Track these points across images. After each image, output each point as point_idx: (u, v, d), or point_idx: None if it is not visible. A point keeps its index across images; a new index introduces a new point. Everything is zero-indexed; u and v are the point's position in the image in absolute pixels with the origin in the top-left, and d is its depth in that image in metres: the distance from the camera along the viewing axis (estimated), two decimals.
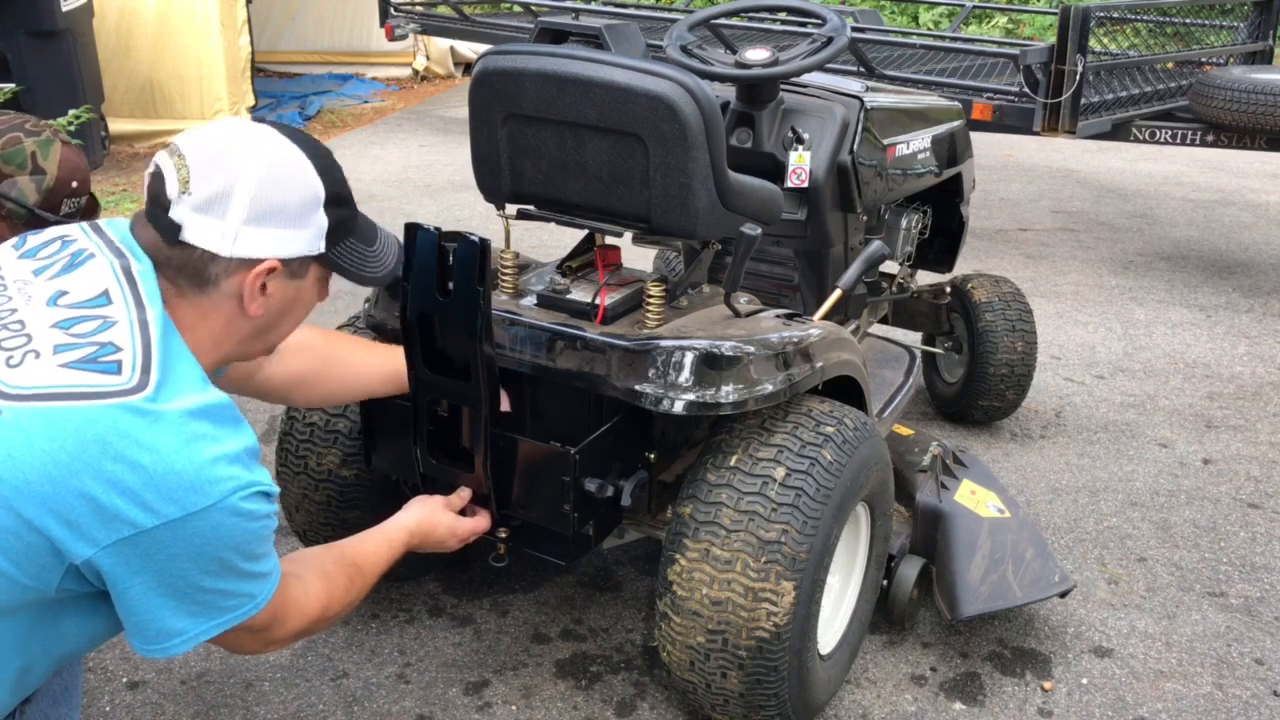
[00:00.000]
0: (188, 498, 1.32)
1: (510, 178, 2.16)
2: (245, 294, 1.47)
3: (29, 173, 2.18)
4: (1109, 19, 4.76)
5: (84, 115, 5.05)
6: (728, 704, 2.05)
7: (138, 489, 1.30)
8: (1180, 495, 3.20)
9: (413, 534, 1.94)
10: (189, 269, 1.45)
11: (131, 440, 1.30)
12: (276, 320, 1.56)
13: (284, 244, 1.47)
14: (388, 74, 9.51)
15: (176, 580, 1.37)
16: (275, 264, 1.47)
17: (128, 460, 1.30)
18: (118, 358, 1.35)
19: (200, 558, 1.37)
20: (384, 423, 2.16)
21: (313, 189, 1.48)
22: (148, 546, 1.32)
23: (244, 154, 1.45)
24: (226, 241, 1.43)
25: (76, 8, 5.95)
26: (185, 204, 1.42)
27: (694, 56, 2.58)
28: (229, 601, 1.44)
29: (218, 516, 1.35)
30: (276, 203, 1.45)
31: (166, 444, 1.32)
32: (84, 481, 1.29)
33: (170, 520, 1.32)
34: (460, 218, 5.71)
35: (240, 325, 1.51)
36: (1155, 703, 2.35)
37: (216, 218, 1.42)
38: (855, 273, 2.50)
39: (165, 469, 1.31)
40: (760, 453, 2.02)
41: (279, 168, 1.46)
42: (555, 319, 2.12)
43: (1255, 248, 5.69)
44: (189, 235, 1.43)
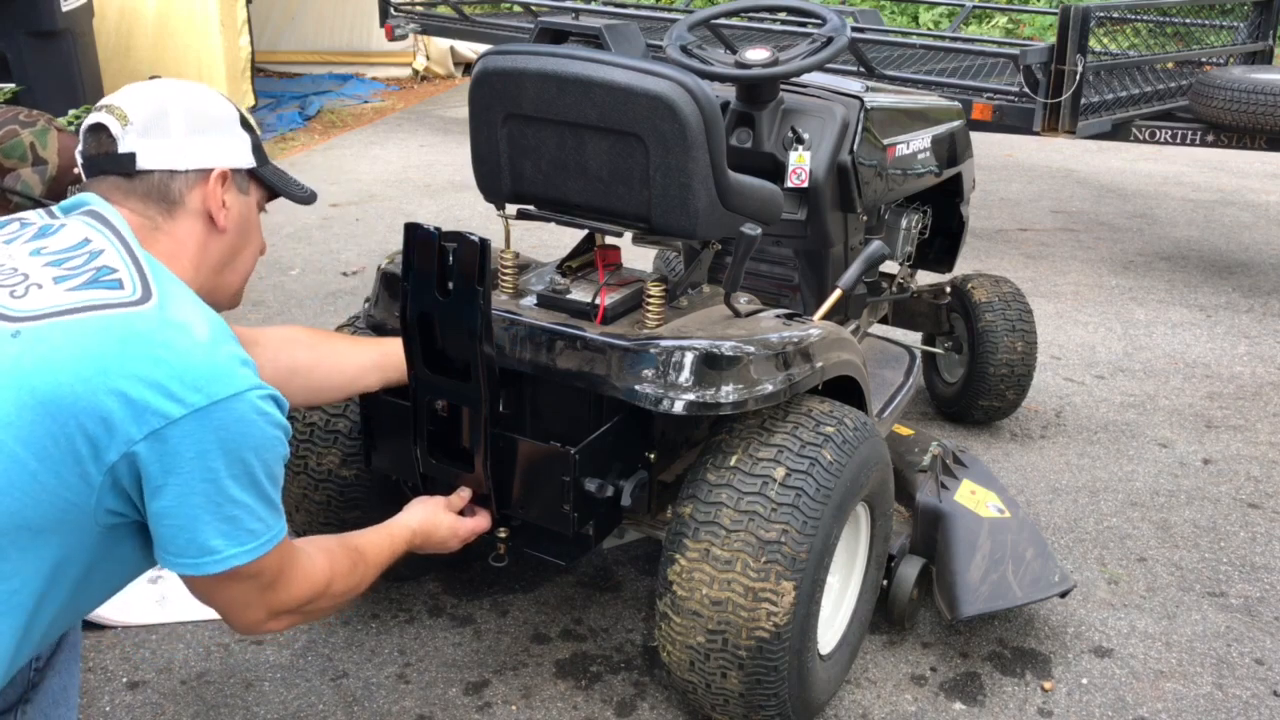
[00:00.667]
0: (212, 387, 1.38)
1: (510, 178, 2.16)
2: (211, 205, 1.57)
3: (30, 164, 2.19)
4: (1109, 19, 4.76)
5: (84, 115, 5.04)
6: (728, 704, 2.05)
7: (164, 381, 1.36)
8: (1180, 495, 3.20)
9: (415, 533, 1.95)
10: (155, 194, 1.54)
11: (152, 339, 1.38)
12: (240, 241, 1.64)
13: (226, 152, 1.59)
14: (388, 74, 9.51)
15: (207, 482, 1.40)
16: (225, 171, 1.58)
17: (152, 357, 1.36)
18: (117, 276, 1.43)
19: (228, 454, 1.40)
20: (384, 423, 2.16)
21: (228, 107, 1.63)
22: (179, 438, 1.37)
23: (162, 85, 1.59)
24: (179, 155, 1.55)
25: (76, 8, 5.95)
26: (131, 133, 1.53)
27: (694, 56, 2.58)
28: (253, 523, 1.46)
29: (241, 407, 1.40)
30: (208, 115, 1.58)
31: (184, 342, 1.40)
32: (113, 379, 1.34)
33: (197, 409, 1.37)
34: (460, 218, 5.71)
35: (213, 246, 1.59)
36: (1155, 703, 2.35)
37: (162, 136, 1.54)
38: (855, 273, 2.50)
39: (187, 362, 1.38)
40: (760, 453, 2.02)
41: (194, 89, 1.61)
42: (555, 319, 2.12)
43: (1255, 248, 5.69)
44: (144, 160, 1.53)
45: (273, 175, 1.70)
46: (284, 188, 1.71)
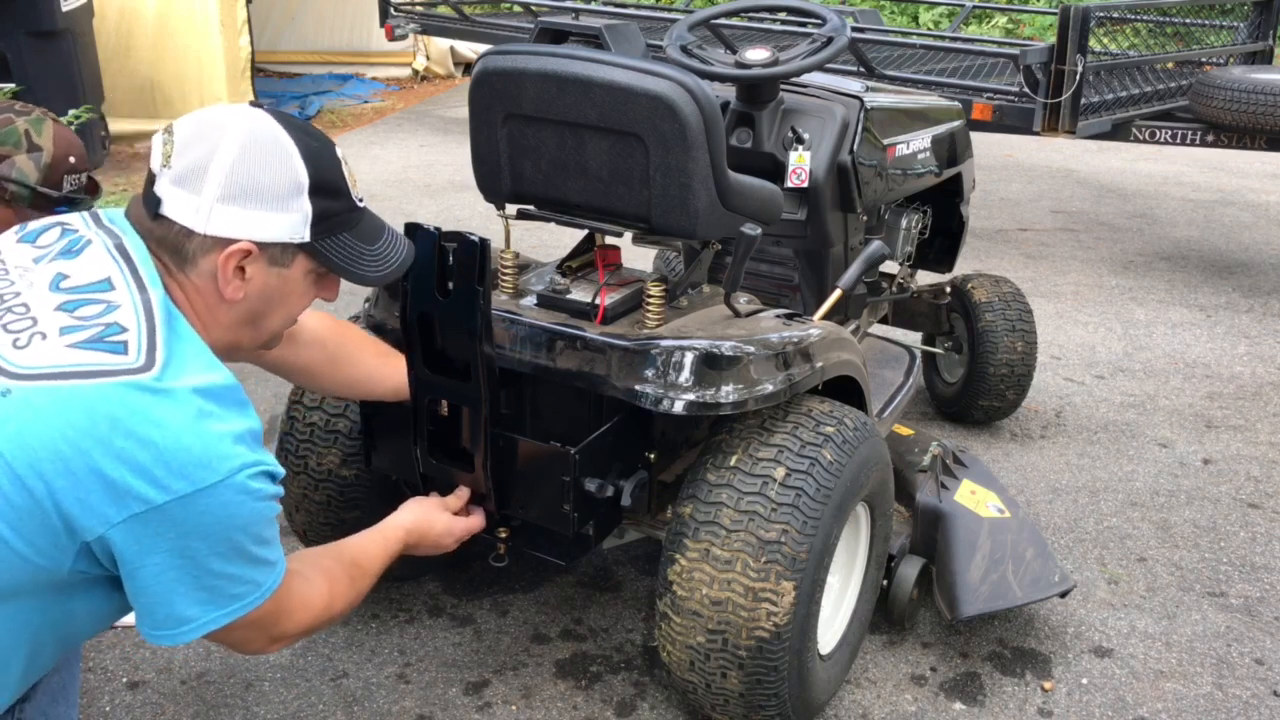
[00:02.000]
0: (197, 473, 1.32)
1: (510, 178, 2.16)
2: (219, 276, 1.46)
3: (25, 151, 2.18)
4: (1109, 19, 4.76)
5: (84, 115, 5.04)
6: (728, 704, 2.05)
7: (148, 465, 1.30)
8: (1180, 495, 3.20)
9: (409, 533, 1.94)
10: (169, 244, 1.45)
11: (141, 417, 1.31)
12: (263, 308, 1.53)
13: (260, 226, 1.45)
14: (388, 74, 9.51)
15: (187, 561, 1.36)
16: (250, 247, 1.45)
17: (138, 436, 1.30)
18: (124, 338, 1.36)
19: (210, 537, 1.36)
20: (384, 423, 2.16)
21: (294, 173, 1.46)
22: (159, 524, 1.32)
23: (226, 131, 1.44)
24: (200, 217, 1.42)
25: (76, 8, 5.95)
26: (166, 177, 1.43)
27: (694, 56, 2.58)
28: (237, 589, 1.43)
29: (226, 493, 1.35)
30: (253, 182, 1.43)
31: (175, 421, 1.32)
32: (95, 458, 1.29)
33: (181, 496, 1.32)
34: (460, 218, 5.71)
35: (223, 311, 1.50)
36: (1155, 703, 2.35)
37: (192, 192, 1.42)
38: (855, 273, 2.50)
39: (175, 445, 1.31)
40: (760, 453, 2.02)
41: (259, 147, 1.44)
42: (555, 319, 2.12)
43: (1255, 248, 5.69)
44: (167, 209, 1.43)
45: (337, 250, 1.53)
46: (345, 266, 1.54)
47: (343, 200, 1.53)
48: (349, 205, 1.55)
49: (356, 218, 1.56)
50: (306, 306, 1.61)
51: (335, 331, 2.04)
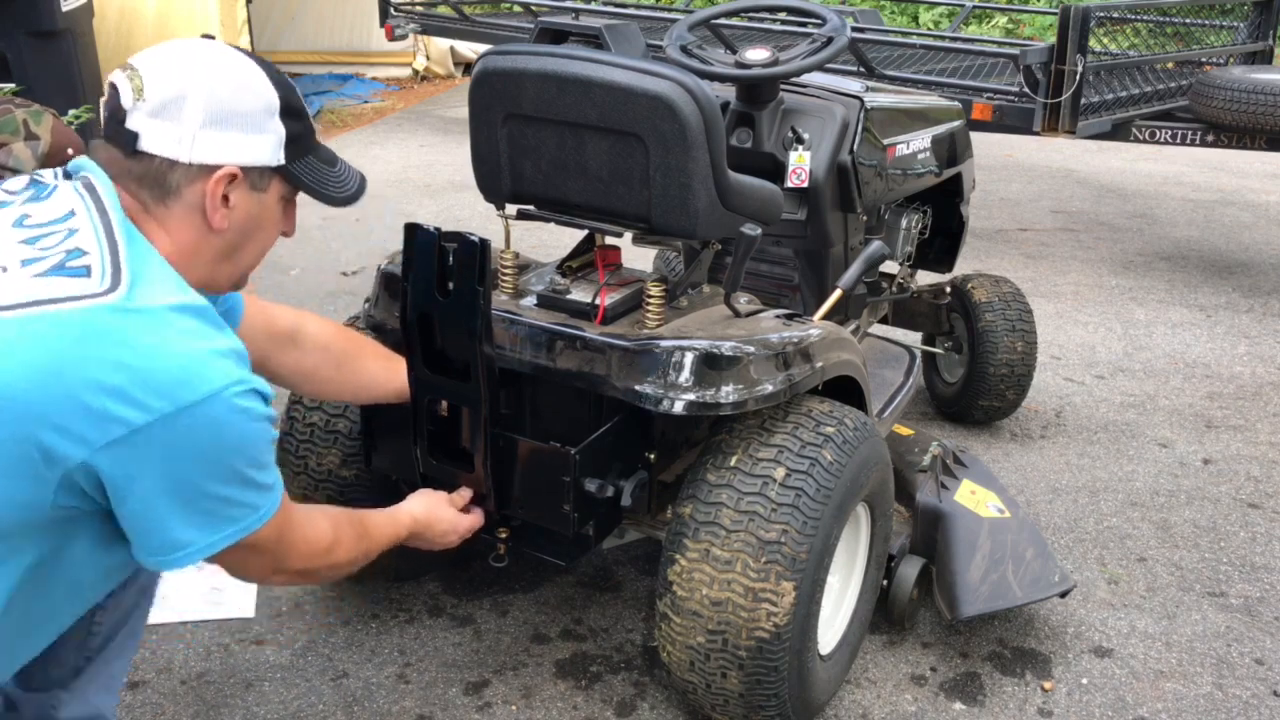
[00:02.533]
0: (178, 391, 1.29)
1: (510, 178, 2.16)
2: (207, 204, 1.43)
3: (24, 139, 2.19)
4: (1109, 19, 4.76)
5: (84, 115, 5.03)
6: (728, 704, 2.05)
7: (125, 387, 1.27)
8: (1180, 495, 3.20)
9: (417, 521, 1.94)
10: (150, 179, 1.41)
11: (112, 339, 1.28)
12: (241, 239, 1.51)
13: (243, 150, 1.44)
14: (388, 74, 9.51)
15: (178, 483, 1.34)
16: (235, 170, 1.43)
17: (112, 359, 1.27)
18: (85, 262, 1.33)
19: (199, 458, 1.33)
20: (384, 423, 2.16)
21: (267, 95, 1.46)
22: (143, 446, 1.29)
23: (197, 61, 1.43)
24: (184, 146, 1.40)
25: (76, 8, 5.94)
26: (141, 111, 1.39)
27: (694, 56, 2.58)
28: (233, 510, 1.40)
29: (212, 412, 1.32)
30: (232, 106, 1.42)
31: (150, 340, 1.30)
32: (69, 385, 1.26)
33: (163, 416, 1.28)
34: (460, 218, 5.71)
35: (207, 242, 1.47)
36: (1155, 703, 2.35)
37: (173, 122, 1.39)
38: (855, 273, 2.50)
39: (151, 364, 1.29)
40: (760, 453, 2.02)
41: (232, 73, 1.44)
42: (555, 319, 2.12)
43: (1255, 248, 5.69)
44: (146, 143, 1.40)
45: (306, 172, 1.54)
46: (316, 187, 1.55)
47: (305, 122, 1.53)
48: (310, 128, 1.55)
49: (316, 141, 1.57)
50: (274, 239, 1.58)
51: (338, 337, 2.04)
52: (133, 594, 1.80)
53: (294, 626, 2.49)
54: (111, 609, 1.77)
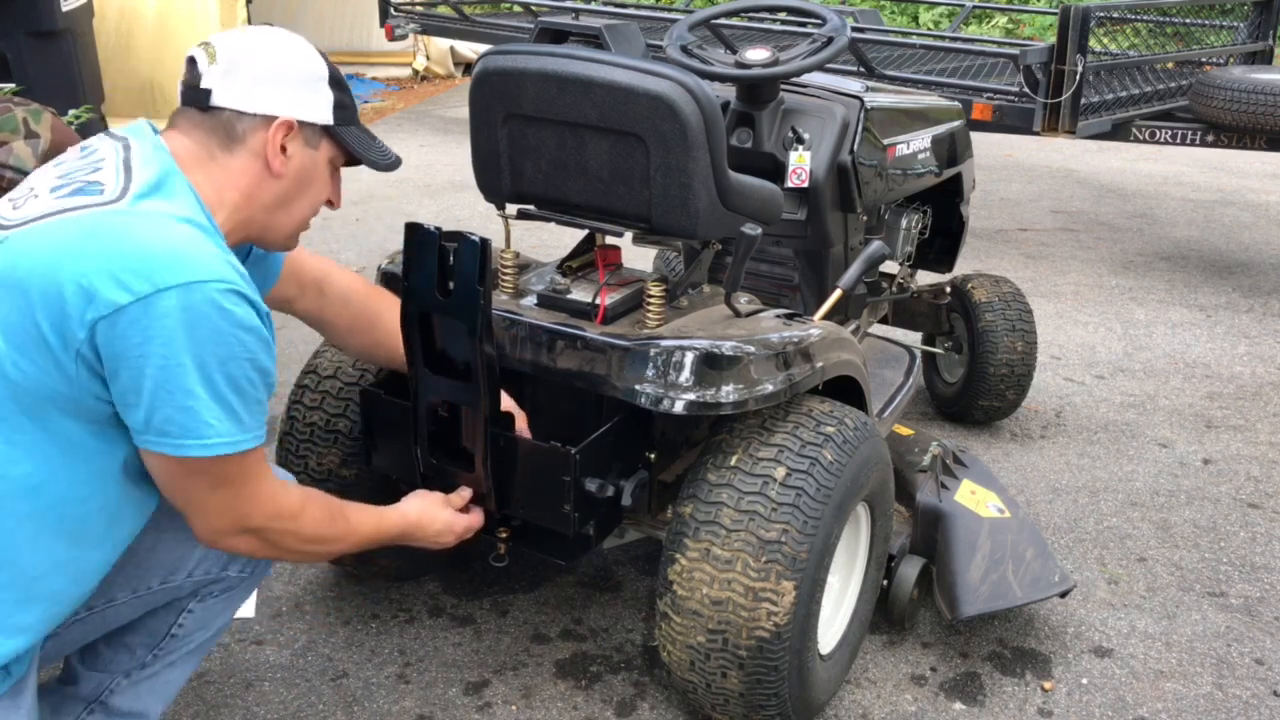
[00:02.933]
0: (160, 275, 1.42)
1: (510, 177, 2.16)
2: (268, 149, 1.63)
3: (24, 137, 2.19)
4: (1109, 19, 4.76)
5: (84, 115, 5.03)
6: (728, 704, 2.05)
7: (116, 270, 1.41)
8: (1180, 495, 3.20)
9: (410, 523, 1.94)
10: (220, 129, 1.62)
11: (109, 232, 1.44)
12: (295, 188, 1.69)
13: (299, 105, 1.65)
14: (388, 74, 9.51)
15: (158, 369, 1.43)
16: (292, 121, 1.64)
17: (109, 247, 1.43)
18: (101, 182, 1.51)
19: (172, 343, 1.43)
20: (384, 422, 2.16)
21: (317, 63, 1.68)
22: (126, 325, 1.41)
23: (260, 34, 1.68)
24: (249, 99, 1.62)
25: (76, 8, 5.94)
26: (214, 72, 1.62)
27: (694, 56, 2.58)
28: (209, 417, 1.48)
29: (192, 298, 1.43)
30: (290, 67, 1.65)
31: (143, 231, 1.45)
32: (71, 270, 1.41)
33: (143, 296, 1.41)
34: (460, 218, 5.71)
35: (266, 187, 1.65)
36: (1155, 703, 2.35)
37: (241, 78, 1.62)
38: (855, 273, 2.50)
39: (142, 251, 1.43)
40: (761, 452, 2.02)
41: (290, 43, 1.68)
42: (555, 319, 2.12)
43: (1255, 248, 5.69)
44: (217, 98, 1.61)
45: (351, 138, 1.73)
46: (360, 151, 1.73)
47: (348, 95, 1.73)
48: (352, 101, 1.74)
49: (356, 115, 1.76)
50: (322, 201, 1.75)
51: (363, 292, 2.10)
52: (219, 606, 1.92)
53: (294, 626, 2.49)
54: (198, 613, 1.90)
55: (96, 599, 1.74)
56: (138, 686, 1.87)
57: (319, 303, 2.04)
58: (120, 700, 1.86)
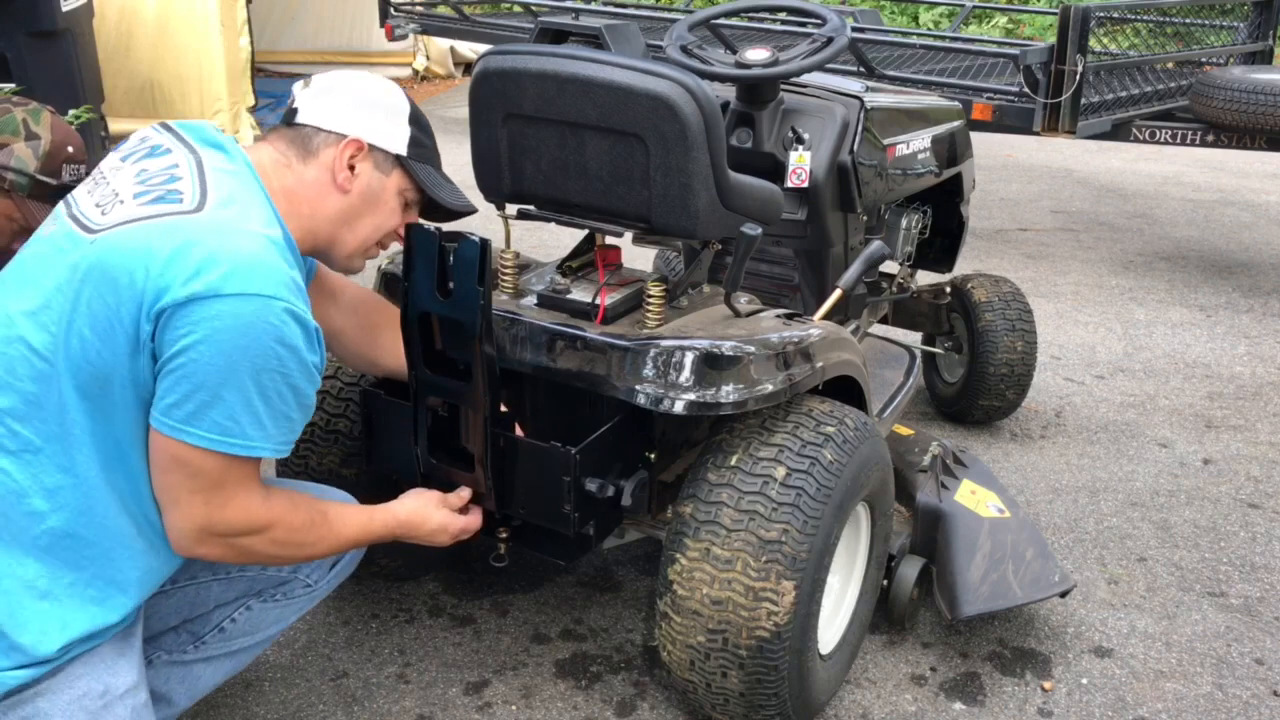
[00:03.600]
0: (224, 280, 1.53)
1: (510, 177, 2.16)
2: (335, 163, 1.75)
3: (24, 139, 2.19)
4: (1109, 19, 4.76)
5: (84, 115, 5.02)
6: (728, 704, 2.05)
7: (179, 270, 1.53)
8: (1180, 495, 3.20)
9: (401, 522, 1.94)
10: (299, 141, 1.77)
11: (189, 235, 1.56)
12: (361, 206, 1.79)
13: (371, 129, 1.78)
14: (388, 74, 9.48)
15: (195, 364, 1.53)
16: (362, 142, 1.77)
17: (181, 250, 1.54)
18: (180, 190, 1.63)
19: (217, 345, 1.53)
20: (384, 422, 2.16)
21: (398, 101, 1.83)
22: (182, 318, 1.52)
23: (356, 72, 1.85)
24: (328, 116, 1.77)
25: (76, 8, 5.94)
26: (305, 95, 1.79)
27: (694, 56, 2.58)
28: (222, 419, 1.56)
29: (244, 308, 1.53)
30: (370, 97, 1.80)
31: (214, 239, 1.56)
32: (146, 268, 1.53)
33: (203, 296, 1.52)
34: None
35: (331, 200, 1.77)
36: (1155, 703, 2.35)
37: (325, 100, 1.79)
38: (855, 273, 2.50)
39: (207, 255, 1.54)
40: (761, 452, 2.02)
41: (374, 80, 1.83)
42: (555, 319, 2.12)
43: (1255, 248, 5.69)
44: (302, 115, 1.78)
45: (423, 174, 1.83)
46: (430, 187, 1.84)
47: (430, 140, 1.87)
48: (434, 146, 1.88)
49: (438, 160, 1.89)
50: (393, 229, 1.86)
51: (369, 304, 2.15)
52: (275, 613, 2.01)
53: (294, 626, 2.49)
54: (255, 611, 1.99)
55: (180, 574, 1.88)
56: (170, 669, 1.93)
57: (331, 311, 2.07)
58: (150, 677, 1.89)
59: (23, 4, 5.64)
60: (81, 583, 1.64)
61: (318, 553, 1.82)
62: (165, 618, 1.92)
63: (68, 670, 1.64)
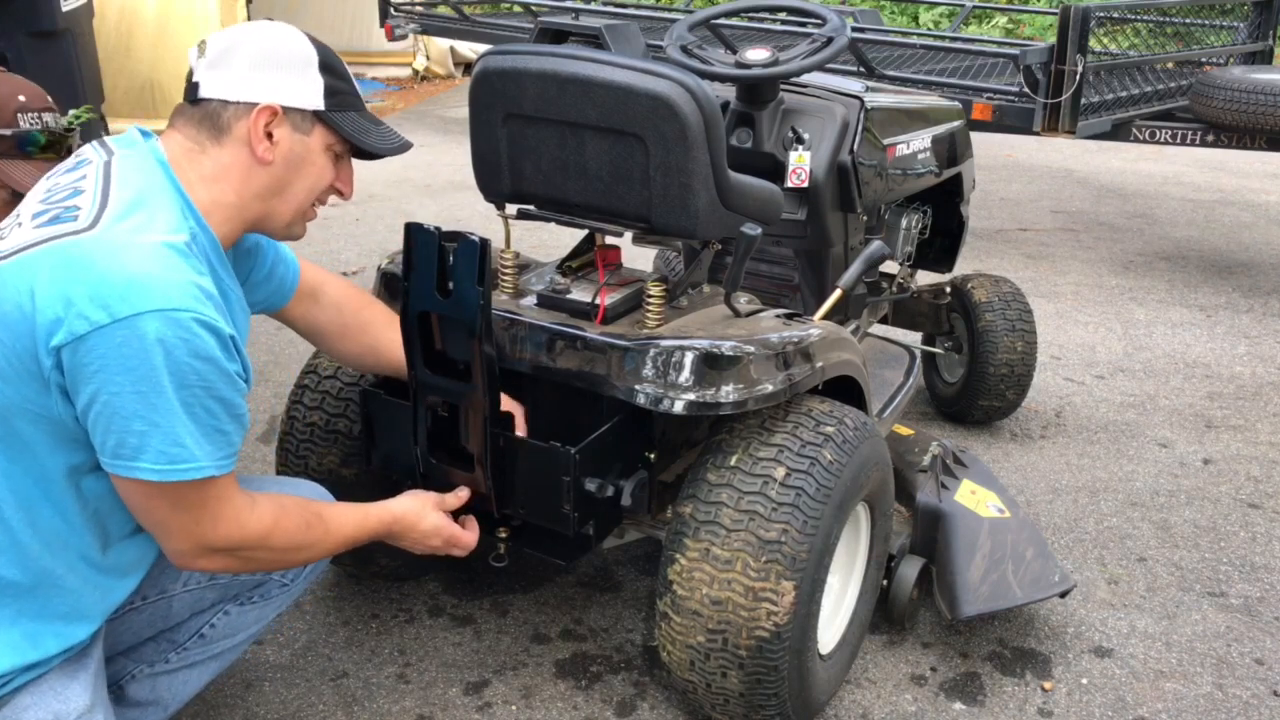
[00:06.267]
0: (117, 304, 1.43)
1: (510, 177, 2.16)
2: (251, 135, 1.63)
3: None
4: (1109, 19, 4.76)
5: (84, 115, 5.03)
6: (728, 704, 2.05)
7: (77, 298, 1.44)
8: (1180, 495, 3.20)
9: (396, 521, 1.92)
10: (207, 120, 1.64)
11: (77, 261, 1.46)
12: (288, 173, 1.68)
13: (281, 90, 1.64)
14: (388, 74, 9.51)
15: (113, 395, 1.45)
16: (275, 107, 1.63)
17: (73, 276, 1.45)
18: (78, 206, 1.54)
19: (131, 371, 1.44)
20: (384, 422, 2.16)
21: (304, 50, 1.67)
22: (85, 352, 1.44)
23: (248, 25, 1.70)
24: (232, 87, 1.63)
25: (76, 8, 5.94)
26: (201, 64, 1.65)
27: (694, 56, 2.58)
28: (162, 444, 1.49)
29: (146, 327, 1.44)
30: (272, 52, 1.65)
31: (108, 262, 1.46)
32: (40, 302, 1.45)
33: (100, 326, 1.43)
34: (460, 218, 5.71)
35: (256, 175, 1.66)
36: (1155, 703, 2.35)
37: (224, 68, 1.63)
38: (855, 273, 2.50)
39: (103, 280, 1.44)
40: (760, 452, 2.02)
41: (274, 31, 1.68)
42: (555, 319, 2.12)
43: (1255, 248, 5.69)
44: (204, 90, 1.64)
45: (347, 123, 1.70)
46: (356, 136, 1.70)
47: (347, 83, 1.72)
48: (352, 89, 1.73)
49: (360, 102, 1.74)
50: (327, 186, 1.74)
51: (355, 300, 2.11)
52: (253, 615, 1.99)
53: (294, 626, 2.49)
54: (233, 616, 1.96)
55: (149, 589, 1.84)
56: (156, 680, 1.91)
57: (313, 310, 2.06)
58: (136, 689, 1.89)
59: (23, 4, 5.63)
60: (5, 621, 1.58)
61: (317, 554, 1.81)
62: (139, 631, 1.88)
63: (14, 702, 1.58)
